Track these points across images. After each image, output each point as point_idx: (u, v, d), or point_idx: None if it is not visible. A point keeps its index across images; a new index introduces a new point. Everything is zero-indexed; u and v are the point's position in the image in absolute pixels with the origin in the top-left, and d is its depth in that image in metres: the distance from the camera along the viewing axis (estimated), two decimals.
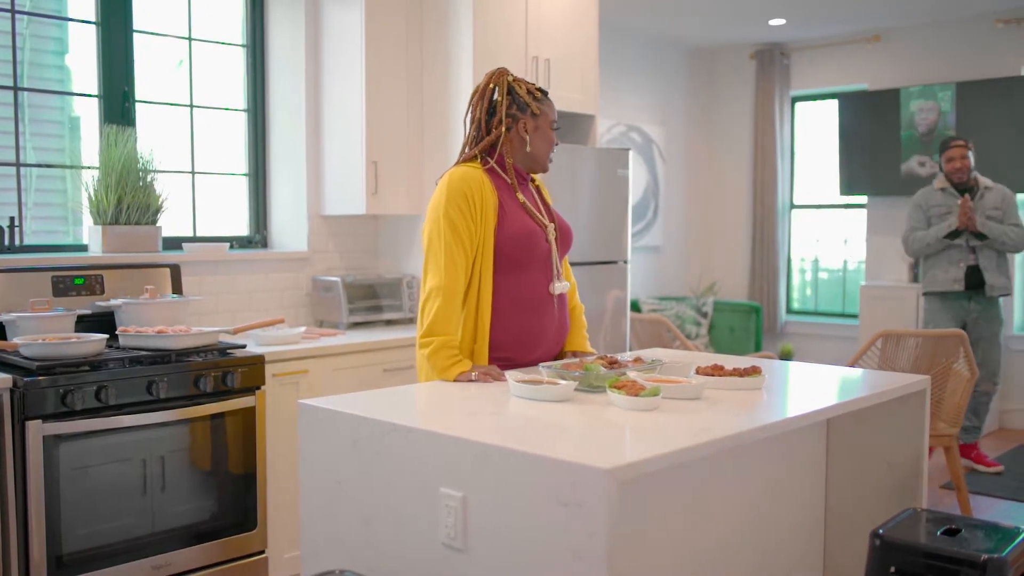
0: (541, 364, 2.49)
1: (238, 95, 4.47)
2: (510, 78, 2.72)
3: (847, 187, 7.32)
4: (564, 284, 2.72)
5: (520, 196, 2.68)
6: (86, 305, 3.48)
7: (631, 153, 4.78)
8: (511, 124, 2.69)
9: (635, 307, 7.15)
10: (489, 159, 2.70)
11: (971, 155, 5.30)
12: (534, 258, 2.65)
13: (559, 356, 2.83)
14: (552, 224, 2.73)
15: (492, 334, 2.63)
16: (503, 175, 2.69)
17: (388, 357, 3.94)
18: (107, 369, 3.06)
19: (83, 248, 3.89)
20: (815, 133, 7.90)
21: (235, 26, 4.45)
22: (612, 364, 2.49)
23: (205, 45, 4.32)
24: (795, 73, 7.75)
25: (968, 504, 4.34)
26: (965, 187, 5.31)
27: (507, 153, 2.70)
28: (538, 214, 2.71)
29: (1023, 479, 5.38)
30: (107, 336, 3.25)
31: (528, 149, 2.70)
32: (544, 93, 2.74)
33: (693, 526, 2.44)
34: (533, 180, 2.84)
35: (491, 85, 2.72)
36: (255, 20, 4.45)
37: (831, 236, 7.88)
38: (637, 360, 2.60)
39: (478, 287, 2.60)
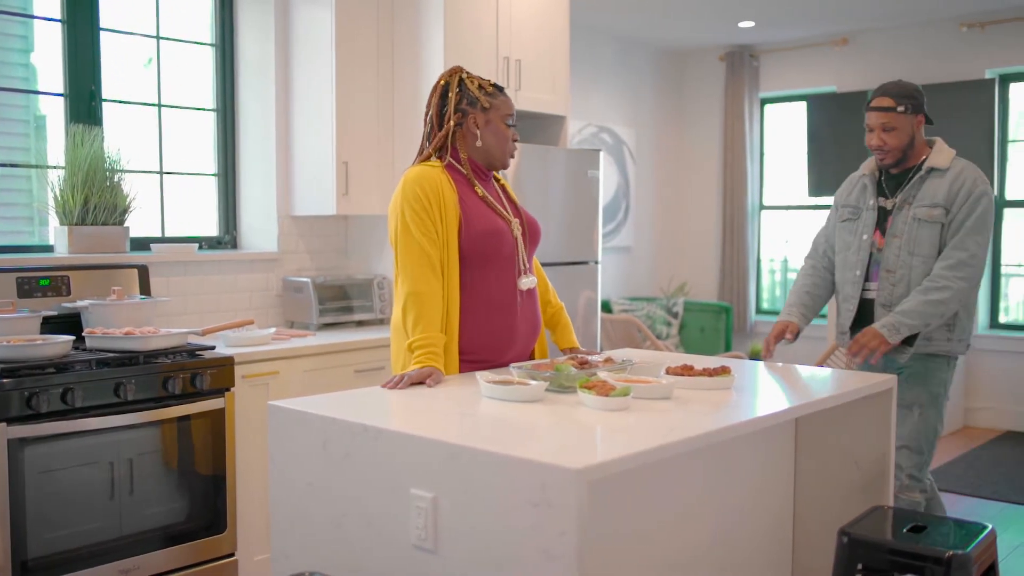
0: (512, 364, 2.49)
1: (207, 94, 4.43)
2: (464, 75, 2.71)
3: (815, 188, 7.39)
4: (532, 279, 2.72)
5: (479, 190, 2.68)
6: (52, 306, 3.44)
7: (602, 154, 4.80)
8: (461, 119, 2.69)
9: (606, 307, 7.17)
10: (447, 155, 2.71)
11: (909, 117, 3.13)
12: (500, 254, 2.64)
13: (533, 356, 2.84)
14: (517, 219, 2.73)
15: (463, 335, 2.62)
16: (460, 170, 2.70)
17: (359, 358, 3.92)
18: (73, 371, 3.02)
19: (49, 249, 3.85)
20: (784, 135, 7.97)
21: (204, 25, 4.42)
22: (583, 364, 2.50)
23: (173, 44, 4.28)
24: (764, 75, 7.81)
25: None
26: (894, 171, 3.24)
27: (460, 148, 2.71)
28: (501, 209, 2.71)
29: (988, 476, 5.46)
30: (73, 338, 3.21)
31: (479, 144, 2.69)
32: (499, 89, 2.72)
33: (663, 525, 2.45)
34: (498, 179, 2.84)
35: (442, 82, 2.73)
36: (224, 19, 4.42)
37: (800, 237, 7.95)
38: (608, 360, 2.61)
39: (446, 287, 2.59)
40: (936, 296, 2.99)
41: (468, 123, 2.68)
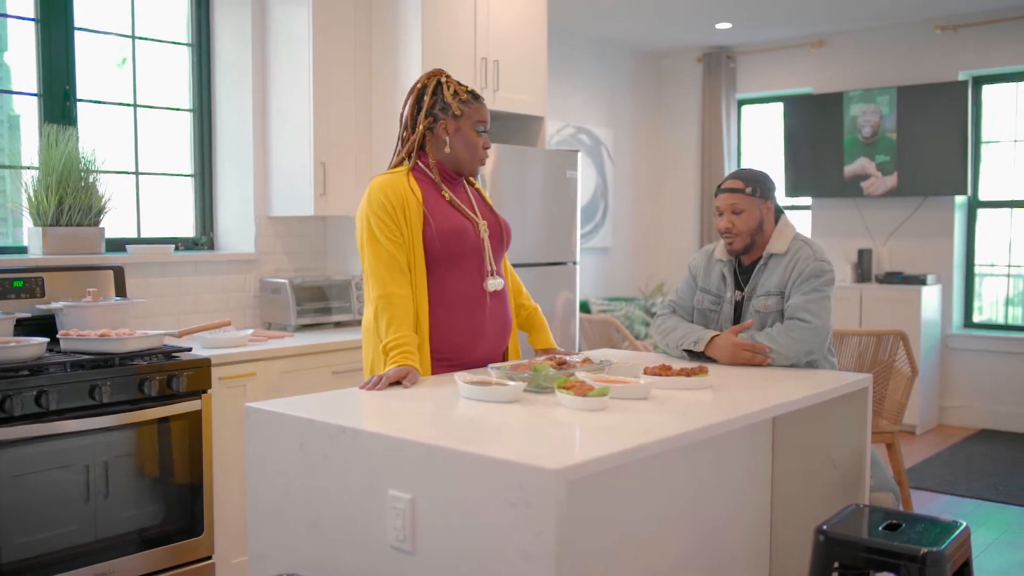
0: (490, 365, 2.50)
1: (183, 94, 4.41)
2: (443, 78, 2.72)
3: (792, 189, 7.44)
4: (499, 281, 2.73)
5: (446, 194, 2.70)
6: (26, 308, 3.40)
7: (580, 155, 4.81)
8: (432, 124, 2.71)
9: (584, 308, 7.19)
10: (415, 159, 2.73)
11: (757, 200, 3.00)
12: (465, 254, 2.67)
13: (505, 356, 2.85)
14: (485, 222, 2.74)
15: (432, 334, 2.65)
16: (428, 174, 2.71)
17: (337, 359, 3.91)
18: (48, 373, 3.00)
19: (23, 250, 3.81)
20: (761, 136, 8.01)
21: (180, 24, 4.39)
22: (561, 365, 2.51)
23: (149, 43, 4.25)
24: (741, 76, 7.85)
25: (909, 499, 4.43)
26: (746, 260, 3.09)
27: (430, 152, 2.73)
28: (468, 211, 2.72)
29: (963, 474, 5.51)
30: (48, 340, 3.18)
31: (447, 150, 2.71)
32: (474, 96, 2.71)
33: (641, 523, 2.46)
34: (472, 184, 2.86)
35: (419, 85, 2.74)
36: (200, 18, 4.39)
37: None
38: (586, 360, 2.62)
39: (414, 289, 2.62)
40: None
41: (438, 129, 2.70)
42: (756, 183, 3.02)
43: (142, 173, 4.23)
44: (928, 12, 6.63)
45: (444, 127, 2.69)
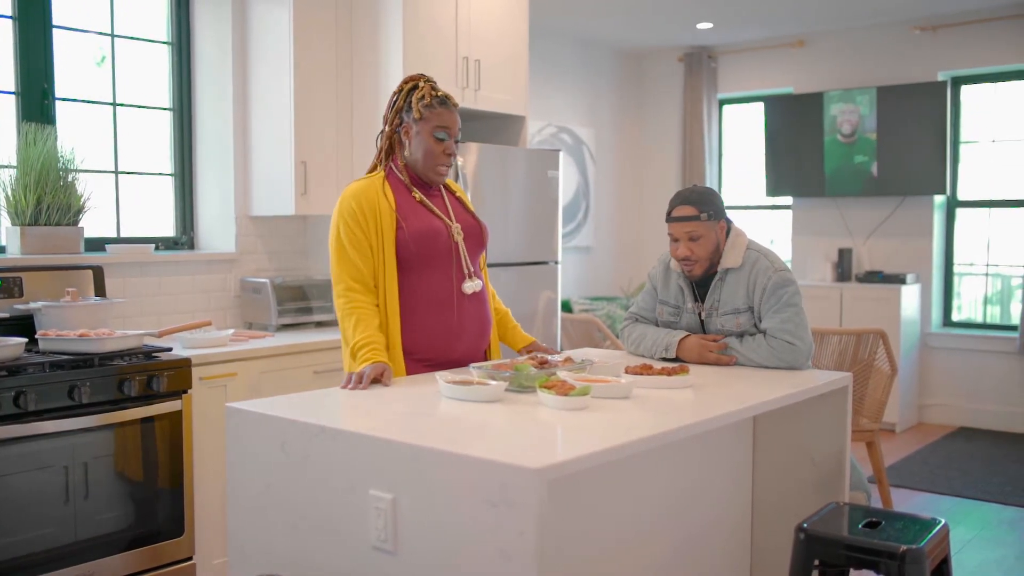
0: (472, 365, 2.50)
1: (163, 93, 4.38)
2: (421, 82, 2.72)
3: (773, 188, 7.47)
4: (477, 283, 2.75)
5: (417, 195, 2.72)
6: (4, 308, 3.37)
7: (561, 154, 4.81)
8: (397, 126, 2.73)
9: (566, 307, 7.19)
10: (388, 161, 2.76)
11: (712, 223, 2.94)
12: (437, 255, 2.68)
13: (486, 355, 2.85)
14: (458, 224, 2.75)
15: (405, 335, 2.66)
16: (399, 177, 2.73)
17: (318, 359, 3.90)
18: (26, 374, 2.97)
19: (1, 250, 3.78)
20: (742, 135, 8.04)
21: (159, 22, 4.36)
22: (542, 364, 2.51)
23: (128, 42, 4.22)
24: (722, 76, 7.88)
25: (889, 497, 4.46)
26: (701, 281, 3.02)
27: (399, 154, 2.75)
28: (442, 213, 2.74)
29: (941, 472, 5.56)
30: (26, 340, 3.16)
31: (406, 153, 2.73)
32: (440, 101, 2.68)
33: (622, 522, 2.47)
34: (453, 190, 2.87)
35: (398, 87, 2.76)
36: (180, 16, 4.37)
37: (758, 236, 8.00)
38: (567, 360, 2.62)
39: (384, 291, 2.64)
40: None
41: (402, 131, 2.72)
42: (709, 206, 2.93)
43: (122, 172, 4.21)
44: (907, 13, 6.67)
45: (407, 130, 2.71)
